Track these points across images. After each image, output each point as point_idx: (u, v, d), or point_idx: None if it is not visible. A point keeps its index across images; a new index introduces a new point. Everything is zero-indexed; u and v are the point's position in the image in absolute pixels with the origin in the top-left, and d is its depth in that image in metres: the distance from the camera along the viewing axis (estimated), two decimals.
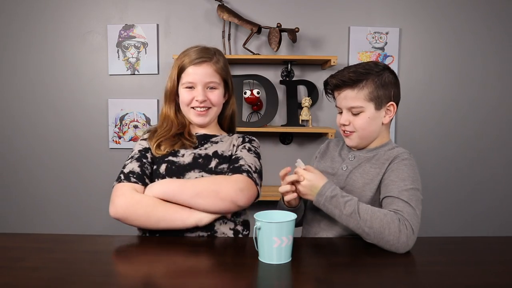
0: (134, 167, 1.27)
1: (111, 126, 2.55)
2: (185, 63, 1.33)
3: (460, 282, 0.93)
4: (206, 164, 1.28)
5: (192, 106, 1.34)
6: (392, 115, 1.31)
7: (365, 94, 1.25)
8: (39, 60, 2.54)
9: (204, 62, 1.33)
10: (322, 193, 1.15)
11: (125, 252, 1.15)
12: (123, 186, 1.24)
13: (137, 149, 1.34)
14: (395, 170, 1.22)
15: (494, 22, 2.51)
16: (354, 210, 1.11)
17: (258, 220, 1.02)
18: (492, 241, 1.27)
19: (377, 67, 1.27)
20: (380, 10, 2.51)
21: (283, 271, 0.99)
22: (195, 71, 1.32)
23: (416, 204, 1.15)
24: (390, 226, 1.09)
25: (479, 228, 2.60)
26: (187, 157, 1.29)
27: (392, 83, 1.29)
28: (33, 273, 0.95)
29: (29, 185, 2.59)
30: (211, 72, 1.34)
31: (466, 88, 2.55)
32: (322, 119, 2.56)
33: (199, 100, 1.32)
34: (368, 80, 1.25)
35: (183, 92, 1.35)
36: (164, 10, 2.51)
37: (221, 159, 1.30)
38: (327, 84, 1.33)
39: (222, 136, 1.39)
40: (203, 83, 1.32)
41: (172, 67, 1.38)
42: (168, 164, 1.27)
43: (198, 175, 1.26)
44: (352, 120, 1.28)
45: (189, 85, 1.33)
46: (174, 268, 0.98)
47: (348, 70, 1.27)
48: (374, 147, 1.32)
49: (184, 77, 1.34)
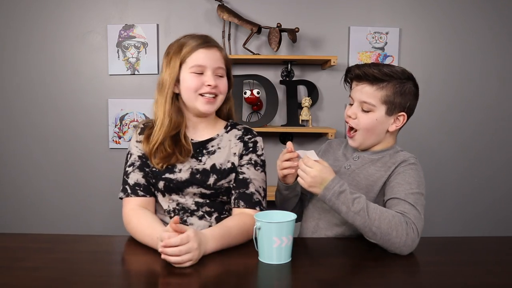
0: (139, 178, 1.25)
1: (111, 126, 2.55)
2: (190, 48, 1.24)
3: (460, 282, 0.93)
4: (204, 180, 1.24)
5: (201, 92, 1.25)
6: (400, 125, 1.28)
7: (382, 95, 1.23)
8: (39, 60, 2.54)
9: (213, 47, 1.27)
10: (331, 187, 1.11)
11: (125, 252, 1.15)
12: (130, 201, 1.24)
13: (135, 153, 1.29)
14: (402, 173, 1.21)
15: (494, 22, 2.51)
16: (363, 208, 1.09)
17: (258, 220, 1.02)
18: (492, 241, 1.27)
19: (403, 75, 1.24)
20: (380, 10, 2.51)
21: (283, 271, 0.99)
22: (204, 54, 1.24)
23: (421, 208, 1.15)
24: (398, 228, 1.08)
25: (479, 228, 2.60)
26: (184, 173, 1.25)
27: (412, 95, 1.26)
28: (33, 273, 0.95)
29: (29, 184, 2.59)
30: (220, 57, 1.28)
31: (466, 88, 2.55)
32: (322, 119, 2.56)
33: (212, 84, 1.23)
34: (390, 83, 1.22)
35: (190, 78, 1.24)
36: (164, 10, 2.51)
37: (219, 175, 1.25)
38: (349, 71, 1.30)
39: (219, 137, 1.32)
40: (212, 68, 1.25)
41: (169, 55, 1.28)
42: (166, 182, 1.25)
43: (196, 191, 1.25)
44: (360, 116, 1.26)
45: (198, 70, 1.24)
46: (174, 268, 0.98)
47: (375, 66, 1.24)
48: (379, 149, 1.30)
49: (190, 61, 1.24)
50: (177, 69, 1.25)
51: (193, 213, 1.26)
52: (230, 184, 1.27)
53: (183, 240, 0.97)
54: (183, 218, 1.26)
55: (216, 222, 1.26)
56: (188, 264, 0.98)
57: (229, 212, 1.30)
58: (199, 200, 1.26)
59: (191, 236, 0.98)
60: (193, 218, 1.26)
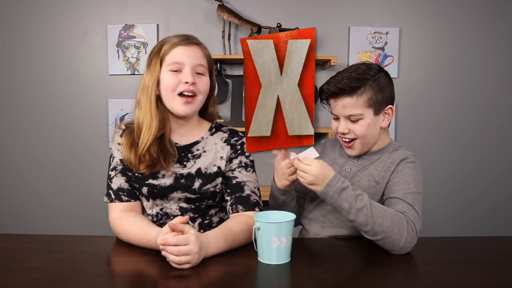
0: (122, 183, 1.23)
1: (111, 126, 2.55)
2: (169, 46, 1.19)
3: (460, 282, 0.93)
4: (189, 184, 1.21)
5: (178, 92, 1.18)
6: (390, 118, 1.27)
7: (364, 100, 1.20)
8: (39, 60, 2.54)
9: (194, 44, 1.21)
10: (332, 184, 1.09)
11: (125, 252, 1.15)
12: (114, 207, 1.23)
13: (117, 157, 1.26)
14: (400, 172, 1.21)
15: (494, 22, 2.51)
16: (366, 205, 1.08)
17: (257, 221, 1.02)
18: (492, 241, 1.27)
19: (371, 70, 1.23)
20: (380, 10, 2.51)
21: (282, 271, 0.99)
22: (183, 51, 1.19)
23: (419, 208, 1.15)
24: (400, 226, 1.08)
25: (479, 228, 2.60)
26: (167, 179, 1.21)
27: (388, 85, 1.25)
28: (33, 273, 0.96)
29: (29, 184, 2.59)
30: (201, 55, 1.22)
31: (466, 88, 2.55)
32: (322, 119, 2.56)
33: (189, 81, 1.16)
34: (366, 85, 1.20)
35: (168, 76, 1.18)
36: (164, 10, 2.51)
37: (205, 179, 1.22)
38: (322, 91, 1.27)
39: (204, 140, 1.27)
40: (191, 65, 1.18)
41: (150, 56, 1.23)
42: (149, 188, 1.22)
43: (181, 196, 1.22)
44: (352, 128, 1.23)
45: (175, 67, 1.18)
46: (173, 268, 0.98)
47: (342, 75, 1.22)
48: (377, 149, 1.29)
49: (168, 59, 1.18)
50: (158, 69, 1.20)
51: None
52: (216, 188, 1.24)
53: (180, 241, 0.96)
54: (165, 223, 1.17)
55: (198, 228, 1.24)
56: (187, 266, 0.97)
57: (212, 217, 1.28)
58: (183, 205, 1.24)
59: (192, 240, 0.97)
60: None
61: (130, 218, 1.19)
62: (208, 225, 1.26)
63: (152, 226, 1.14)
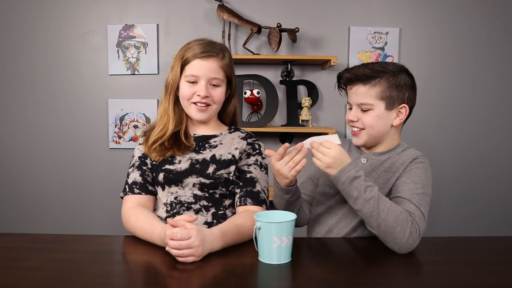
0: (136, 177, 1.30)
1: (111, 126, 2.55)
2: (190, 56, 1.28)
3: (460, 282, 0.93)
4: (204, 169, 1.27)
5: (193, 101, 1.29)
6: (403, 118, 1.28)
7: (376, 92, 1.23)
8: (39, 60, 2.54)
9: (211, 57, 1.28)
10: (347, 170, 1.10)
11: (125, 252, 1.15)
12: (128, 199, 1.29)
13: (136, 155, 1.35)
14: (408, 172, 1.21)
15: (493, 22, 2.51)
16: (374, 197, 1.09)
17: (258, 220, 1.02)
18: (492, 241, 1.27)
19: (394, 68, 1.25)
20: (380, 10, 2.51)
21: (283, 271, 0.99)
22: (200, 64, 1.27)
23: (425, 210, 1.15)
24: (403, 225, 1.08)
25: (479, 228, 2.60)
26: (184, 163, 1.28)
27: (408, 86, 1.26)
28: (34, 273, 0.95)
29: (29, 184, 2.59)
30: (217, 68, 1.29)
31: (466, 88, 2.55)
32: (322, 119, 2.56)
33: (201, 95, 1.27)
34: (382, 78, 1.23)
35: (185, 86, 1.29)
36: (164, 10, 2.51)
37: (218, 165, 1.28)
38: (340, 77, 1.30)
39: (222, 135, 1.36)
40: (207, 78, 1.28)
41: (175, 58, 1.32)
42: (165, 173, 1.27)
43: (196, 181, 1.26)
44: (361, 117, 1.25)
45: (192, 79, 1.28)
46: (173, 268, 0.98)
47: (365, 66, 1.25)
48: (385, 150, 1.29)
49: (187, 70, 1.29)
50: (178, 74, 1.30)
51: (189, 207, 1.26)
52: (229, 176, 1.28)
53: (183, 235, 1.00)
54: (180, 212, 1.26)
55: (212, 218, 1.26)
56: (191, 259, 1.00)
57: (226, 209, 1.30)
58: (197, 193, 1.27)
59: (193, 233, 1.01)
60: (189, 212, 1.26)
61: (140, 211, 1.23)
62: (222, 217, 1.27)
63: (158, 221, 1.18)
